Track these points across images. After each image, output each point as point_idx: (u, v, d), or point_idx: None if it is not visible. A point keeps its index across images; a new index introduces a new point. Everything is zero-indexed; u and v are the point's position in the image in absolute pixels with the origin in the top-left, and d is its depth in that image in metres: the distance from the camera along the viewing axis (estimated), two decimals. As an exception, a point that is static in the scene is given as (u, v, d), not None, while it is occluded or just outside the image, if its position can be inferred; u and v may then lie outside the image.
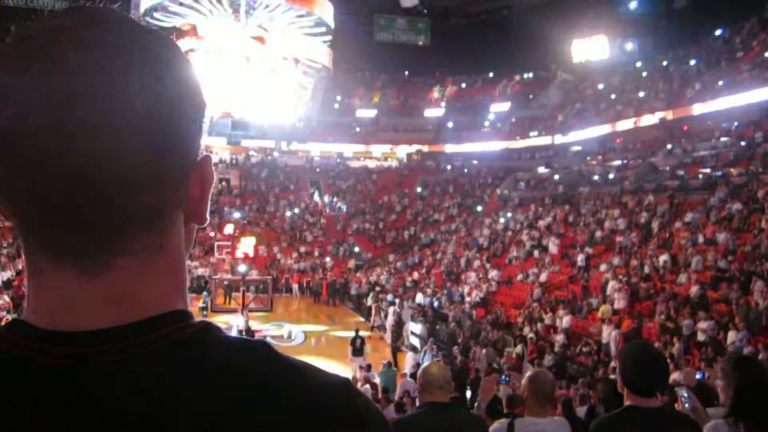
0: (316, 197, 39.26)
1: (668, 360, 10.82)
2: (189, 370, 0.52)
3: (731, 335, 12.34)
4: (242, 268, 24.16)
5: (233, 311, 20.93)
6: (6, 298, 17.89)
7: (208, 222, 0.62)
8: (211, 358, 0.53)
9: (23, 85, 0.50)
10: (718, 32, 35.64)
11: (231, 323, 17.59)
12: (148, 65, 0.53)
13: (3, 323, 0.58)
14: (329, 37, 34.96)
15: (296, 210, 36.58)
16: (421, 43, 43.86)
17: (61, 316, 0.53)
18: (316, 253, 32.29)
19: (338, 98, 47.09)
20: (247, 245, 26.65)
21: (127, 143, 0.51)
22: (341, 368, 14.51)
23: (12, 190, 0.52)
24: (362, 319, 22.25)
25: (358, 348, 15.16)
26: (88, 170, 0.50)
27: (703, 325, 13.04)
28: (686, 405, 3.35)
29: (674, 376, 9.96)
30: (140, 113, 0.51)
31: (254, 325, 18.73)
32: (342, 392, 0.56)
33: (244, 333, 16.36)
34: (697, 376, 9.51)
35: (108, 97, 0.50)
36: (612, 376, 9.99)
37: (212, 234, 29.19)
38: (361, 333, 16.06)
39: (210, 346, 0.55)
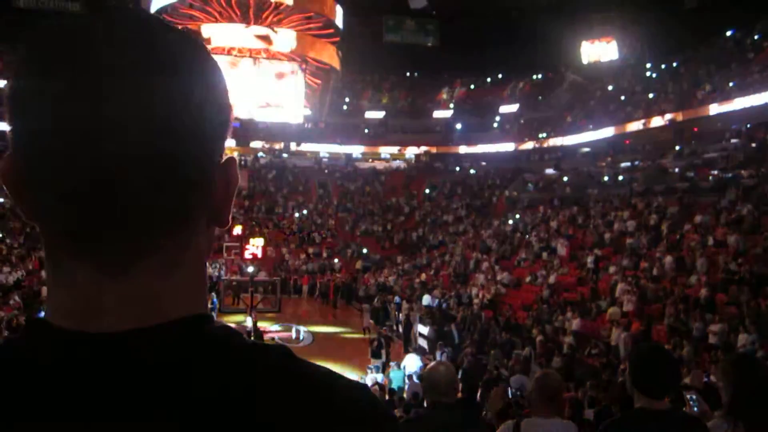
0: None
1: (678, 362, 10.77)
2: (212, 375, 0.52)
3: (742, 338, 12.25)
4: (250, 269, 24.25)
5: (242, 312, 20.99)
6: (17, 298, 18.03)
7: (229, 225, 0.62)
8: (233, 363, 0.53)
9: (53, 82, 0.50)
10: (728, 33, 35.41)
11: (245, 324, 17.64)
12: (177, 67, 0.53)
13: (21, 322, 0.58)
14: (338, 39, 35.06)
15: (305, 211, 36.66)
16: (429, 44, 43.89)
17: (82, 317, 0.53)
18: (325, 255, 32.34)
19: (347, 99, 47.18)
20: (255, 246, 26.73)
21: (154, 144, 0.51)
22: (348, 369, 14.54)
23: (39, 187, 0.52)
24: (371, 321, 22.23)
25: (374, 350, 15.29)
26: (115, 170, 0.50)
27: (714, 327, 12.95)
28: (694, 408, 3.33)
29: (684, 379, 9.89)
30: (169, 115, 0.51)
31: (262, 326, 18.77)
32: (362, 398, 0.56)
33: (252, 334, 16.42)
34: (704, 379, 9.45)
35: (137, 97, 0.50)
36: (620, 379, 9.95)
37: (220, 235, 29.32)
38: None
39: (232, 351, 0.55)
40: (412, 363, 13.81)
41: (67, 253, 0.54)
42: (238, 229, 29.65)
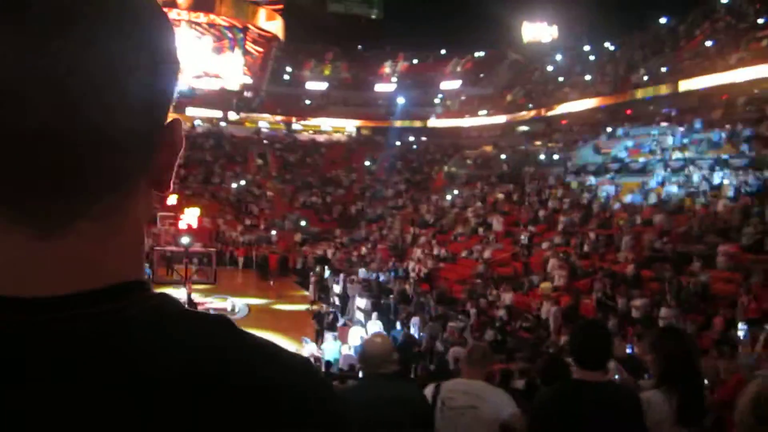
0: None
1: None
2: (149, 343, 0.49)
3: (663, 311, 12.82)
4: (185, 239, 23.62)
5: (176, 283, 20.51)
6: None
7: (170, 190, 0.57)
8: (172, 331, 0.51)
9: None
10: (663, 20, 36.63)
11: (179, 296, 17.27)
12: (130, 17, 0.49)
13: None
14: (281, 6, 34.23)
15: (242, 182, 36.01)
16: (374, 16, 43.50)
17: (13, 281, 0.49)
18: (262, 227, 31.92)
19: (288, 69, 46.29)
20: (190, 216, 26.09)
21: (99, 99, 0.47)
22: (284, 341, 14.50)
23: None
24: (307, 293, 22.18)
25: (330, 323, 15.47)
26: (54, 124, 0.46)
27: (637, 302, 13.51)
28: (616, 376, 3.47)
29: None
30: (117, 68, 0.48)
31: (197, 297, 18.42)
32: (304, 371, 0.54)
33: (186, 305, 16.09)
34: (627, 350, 9.87)
35: (83, 46, 0.46)
36: (550, 350, 10.28)
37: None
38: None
39: (171, 319, 0.52)
40: (356, 336, 13.80)
41: None
42: (173, 199, 28.84)
